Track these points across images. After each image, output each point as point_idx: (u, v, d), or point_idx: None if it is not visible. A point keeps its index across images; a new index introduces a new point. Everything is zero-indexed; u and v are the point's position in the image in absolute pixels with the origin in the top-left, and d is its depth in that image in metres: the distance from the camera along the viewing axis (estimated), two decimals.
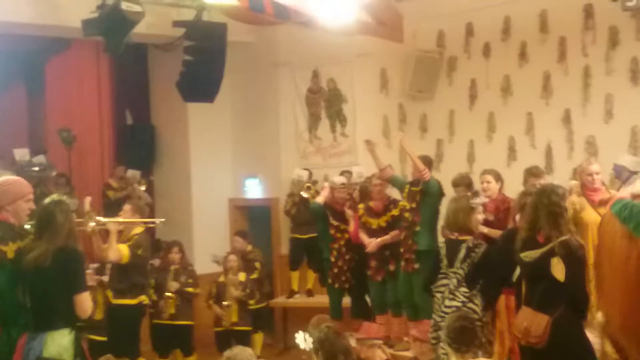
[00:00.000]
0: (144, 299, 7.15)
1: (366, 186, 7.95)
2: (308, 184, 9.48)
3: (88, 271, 6.71)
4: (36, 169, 9.61)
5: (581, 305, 4.71)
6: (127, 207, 7.21)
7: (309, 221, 9.25)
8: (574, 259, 4.61)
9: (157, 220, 7.38)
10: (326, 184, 8.32)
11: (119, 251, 6.68)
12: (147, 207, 7.55)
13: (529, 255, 4.75)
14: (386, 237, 7.38)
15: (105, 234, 6.72)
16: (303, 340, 4.62)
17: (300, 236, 9.50)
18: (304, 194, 9.36)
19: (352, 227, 7.82)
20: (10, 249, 4.22)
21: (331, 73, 9.98)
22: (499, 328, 5.57)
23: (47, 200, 4.33)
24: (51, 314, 4.04)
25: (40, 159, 9.90)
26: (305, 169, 9.69)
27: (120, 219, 6.96)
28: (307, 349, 4.50)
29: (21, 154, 9.89)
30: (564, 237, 4.64)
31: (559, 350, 4.62)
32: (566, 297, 4.61)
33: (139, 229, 7.07)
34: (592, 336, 4.85)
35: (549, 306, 4.66)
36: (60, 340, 4.03)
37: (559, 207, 4.74)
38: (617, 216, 4.16)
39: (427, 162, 7.32)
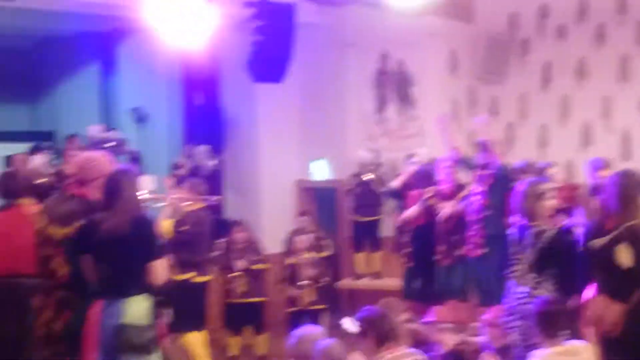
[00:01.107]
0: (191, 275, 7.05)
1: (428, 169, 7.87)
2: (372, 167, 9.43)
3: None
4: (111, 144, 9.75)
5: None
6: (185, 185, 7.29)
7: (370, 204, 9.22)
8: None
9: (214, 198, 7.36)
10: (408, 167, 8.22)
11: (161, 227, 6.74)
12: (203, 186, 7.48)
13: (596, 243, 4.66)
14: (455, 206, 7.27)
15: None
16: (350, 324, 4.55)
17: (361, 218, 9.47)
18: (367, 176, 9.30)
19: (413, 211, 7.77)
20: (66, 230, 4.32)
21: (400, 54, 9.89)
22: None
23: (113, 170, 4.38)
24: (129, 282, 4.10)
25: (115, 134, 10.05)
26: (369, 150, 9.62)
27: (174, 196, 7.02)
28: (356, 332, 4.42)
29: (96, 130, 10.08)
30: (631, 222, 4.51)
31: (634, 339, 4.50)
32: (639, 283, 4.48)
33: (195, 206, 7.09)
34: None
35: (621, 294, 4.55)
36: (139, 306, 4.09)
37: (633, 190, 4.60)
38: None
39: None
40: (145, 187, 6.56)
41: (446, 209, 7.30)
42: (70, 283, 4.33)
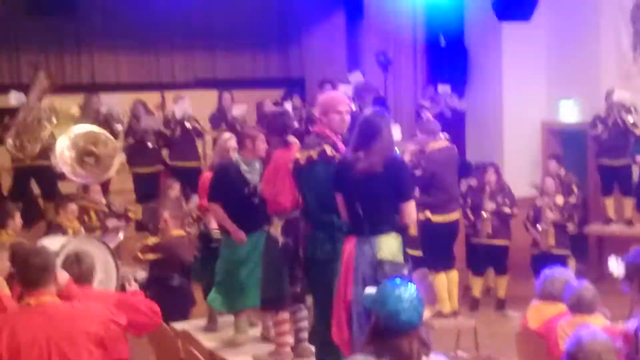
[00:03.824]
0: (427, 215, 7.07)
1: None
2: (628, 107, 8.84)
3: None
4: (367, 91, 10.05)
5: None
6: (420, 126, 7.34)
7: (618, 146, 8.70)
8: None
9: (444, 135, 7.25)
10: None
11: None
12: (438, 126, 7.32)
13: None
14: None
15: None
16: (616, 265, 4.41)
17: (610, 162, 8.97)
18: (628, 118, 8.73)
19: None
20: (303, 156, 4.58)
21: None
22: None
23: (369, 112, 4.53)
24: (381, 219, 4.24)
25: (365, 80, 10.35)
26: (625, 90, 9.01)
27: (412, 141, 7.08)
28: (620, 275, 4.24)
29: (355, 76, 10.44)
30: None
31: None
32: None
33: (433, 147, 7.09)
34: None
35: None
36: (392, 244, 4.23)
37: None
38: None
39: None
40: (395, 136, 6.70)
41: None
42: (302, 213, 4.65)
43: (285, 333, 5.23)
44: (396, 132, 6.92)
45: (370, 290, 3.14)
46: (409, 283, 3.08)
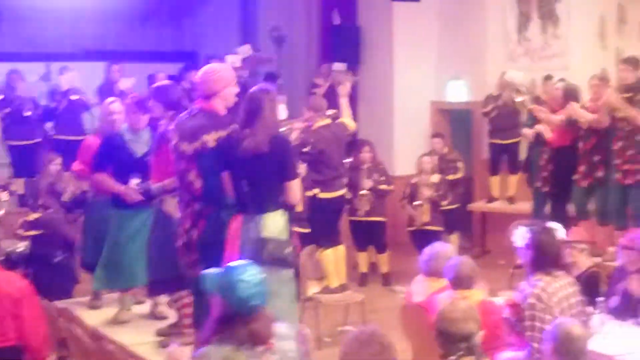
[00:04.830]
0: (315, 192, 7.16)
1: (572, 88, 7.59)
2: (519, 88, 9.12)
3: None
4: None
5: None
6: (308, 103, 7.35)
7: (509, 125, 9.00)
8: None
9: (330, 113, 7.26)
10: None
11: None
12: (325, 102, 7.38)
13: None
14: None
15: None
16: (520, 237, 4.19)
17: (500, 141, 9.28)
18: (517, 97, 9.01)
19: (549, 132, 7.58)
20: (212, 138, 4.35)
21: None
22: None
23: (254, 89, 4.43)
24: (267, 198, 4.22)
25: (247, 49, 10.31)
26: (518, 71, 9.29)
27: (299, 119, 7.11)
28: (521, 245, 4.17)
29: (244, 49, 10.35)
30: None
31: None
32: None
33: (319, 124, 7.12)
34: None
35: None
36: (278, 221, 4.22)
37: None
38: None
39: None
40: (281, 114, 6.67)
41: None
42: (203, 196, 4.43)
43: (190, 315, 5.13)
44: (281, 110, 6.89)
45: (211, 272, 3.11)
46: (251, 265, 3.08)
